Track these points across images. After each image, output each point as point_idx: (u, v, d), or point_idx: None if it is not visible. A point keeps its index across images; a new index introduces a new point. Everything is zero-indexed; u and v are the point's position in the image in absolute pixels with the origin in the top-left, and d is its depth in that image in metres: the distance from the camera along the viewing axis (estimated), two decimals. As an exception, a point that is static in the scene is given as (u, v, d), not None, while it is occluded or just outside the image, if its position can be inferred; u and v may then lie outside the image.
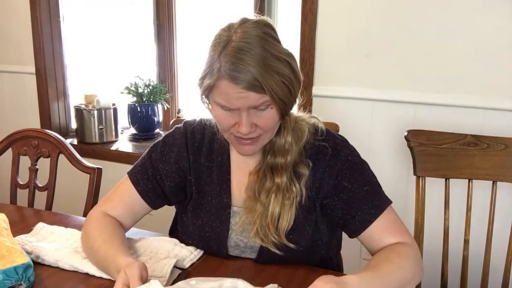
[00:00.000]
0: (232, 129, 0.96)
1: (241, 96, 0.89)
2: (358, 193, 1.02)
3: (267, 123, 0.95)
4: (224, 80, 0.89)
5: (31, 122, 2.55)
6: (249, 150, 0.99)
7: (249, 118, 0.93)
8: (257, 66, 0.87)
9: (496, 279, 1.37)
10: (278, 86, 0.90)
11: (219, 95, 0.92)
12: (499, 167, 1.30)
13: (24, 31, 2.47)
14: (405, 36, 1.75)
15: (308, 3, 1.86)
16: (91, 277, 1.00)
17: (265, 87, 0.88)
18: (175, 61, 2.44)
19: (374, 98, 1.84)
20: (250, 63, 0.87)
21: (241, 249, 1.09)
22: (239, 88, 0.88)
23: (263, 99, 0.91)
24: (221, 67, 0.89)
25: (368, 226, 1.01)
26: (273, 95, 0.90)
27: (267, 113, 0.94)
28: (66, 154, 1.53)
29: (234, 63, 0.88)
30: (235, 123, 0.94)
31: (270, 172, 1.02)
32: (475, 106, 1.70)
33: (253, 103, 0.91)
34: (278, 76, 0.90)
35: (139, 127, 2.44)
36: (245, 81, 0.87)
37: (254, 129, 0.95)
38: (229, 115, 0.94)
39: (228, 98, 0.91)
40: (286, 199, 1.01)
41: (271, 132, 1.00)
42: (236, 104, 0.91)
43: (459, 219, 1.35)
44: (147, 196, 1.11)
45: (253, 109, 0.92)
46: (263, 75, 0.87)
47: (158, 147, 1.13)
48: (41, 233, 1.18)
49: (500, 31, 1.62)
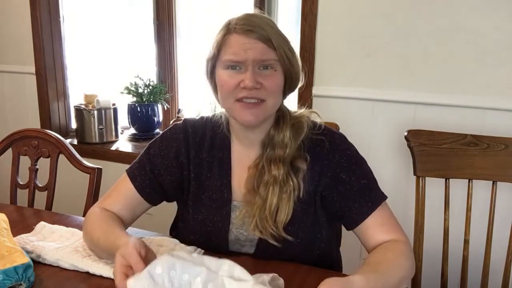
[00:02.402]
0: (237, 90, 0.99)
1: (249, 47, 0.95)
2: (356, 186, 1.04)
3: (272, 84, 0.99)
4: (235, 34, 0.97)
5: (31, 122, 2.55)
6: (252, 116, 1.00)
7: (254, 74, 0.97)
8: (267, 27, 0.97)
9: (496, 279, 1.37)
10: (285, 46, 0.99)
11: (227, 50, 0.98)
12: (499, 167, 1.30)
13: (24, 31, 2.47)
14: (405, 36, 1.75)
15: (308, 3, 1.86)
16: (92, 276, 1.00)
17: (275, 42, 0.96)
18: (175, 61, 2.44)
19: (374, 98, 1.84)
20: (261, 23, 0.97)
21: (241, 243, 1.10)
22: (249, 38, 0.96)
23: (270, 55, 0.97)
24: (232, 26, 0.98)
25: (365, 219, 1.03)
26: (281, 52, 0.97)
27: (272, 74, 0.99)
28: (66, 154, 1.53)
29: (246, 20, 0.97)
30: (240, 81, 0.98)
31: (268, 165, 1.04)
32: (475, 106, 1.70)
33: (261, 56, 0.96)
34: (285, 41, 1.00)
35: (139, 127, 2.44)
36: (257, 33, 0.96)
37: (260, 86, 0.98)
38: (234, 74, 0.98)
39: (237, 50, 0.96)
40: (283, 192, 1.02)
41: (274, 100, 1.02)
42: (243, 55, 0.96)
43: (459, 219, 1.35)
44: (144, 192, 1.12)
45: (258, 68, 0.97)
46: (273, 34, 0.97)
47: (156, 143, 1.14)
48: (42, 232, 1.18)
49: (500, 31, 1.62)
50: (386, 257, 0.96)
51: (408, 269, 0.97)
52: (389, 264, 0.94)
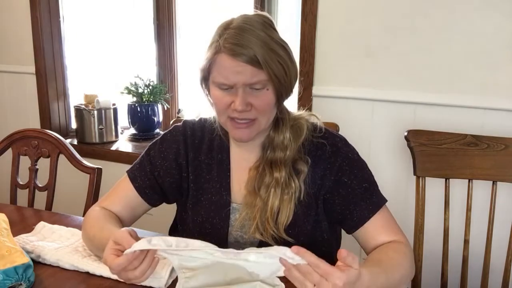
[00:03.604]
0: (228, 110, 0.98)
1: (238, 70, 0.92)
2: (357, 189, 1.04)
3: (262, 104, 0.97)
4: (223, 54, 0.93)
5: (31, 122, 2.55)
6: (244, 134, 1.00)
7: (245, 96, 0.95)
8: (256, 44, 0.92)
9: (496, 279, 1.37)
10: (275, 64, 0.93)
11: (217, 71, 0.95)
12: (499, 167, 1.30)
13: (24, 31, 2.47)
14: (405, 36, 1.75)
15: (308, 3, 1.86)
16: (92, 276, 1.00)
17: (262, 63, 0.92)
18: (175, 61, 2.44)
19: (374, 98, 1.84)
20: (250, 40, 0.92)
21: (241, 245, 1.09)
22: (237, 61, 0.92)
23: (260, 77, 0.94)
24: (221, 44, 0.93)
25: (366, 222, 1.03)
26: (269, 72, 0.93)
27: (263, 94, 0.96)
28: (66, 154, 1.53)
29: (234, 38, 0.92)
30: (232, 102, 0.96)
31: (269, 167, 1.04)
32: (475, 106, 1.70)
33: (249, 79, 0.93)
34: (275, 56, 0.94)
35: (139, 127, 2.44)
36: (244, 55, 0.91)
37: (250, 109, 0.96)
38: (226, 94, 0.97)
39: (226, 73, 0.94)
40: (285, 194, 1.02)
41: (267, 117, 1.01)
42: (232, 79, 0.94)
43: (459, 219, 1.35)
44: (144, 193, 1.12)
45: (250, 88, 0.95)
46: (261, 52, 0.92)
47: (157, 144, 1.14)
48: (42, 232, 1.18)
49: (500, 31, 1.62)
50: (387, 255, 0.96)
51: (408, 269, 0.97)
52: (390, 261, 0.94)
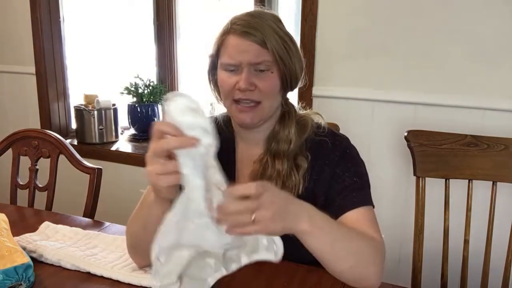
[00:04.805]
0: (233, 91, 1.01)
1: (243, 49, 0.97)
2: (346, 181, 1.03)
3: (266, 86, 1.00)
4: (231, 35, 0.99)
5: (31, 122, 2.55)
6: (248, 117, 1.02)
7: (249, 75, 0.99)
8: (264, 28, 0.98)
9: (496, 279, 1.37)
10: (280, 48, 0.99)
11: (224, 52, 1.00)
12: (499, 167, 1.30)
13: (24, 31, 2.47)
14: (405, 36, 1.75)
15: (308, 3, 1.86)
16: (92, 276, 1.00)
17: (268, 44, 0.97)
18: (175, 61, 2.44)
19: (374, 98, 1.84)
20: (258, 23, 0.98)
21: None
22: (243, 40, 0.97)
23: (265, 57, 0.98)
24: (230, 26, 1.00)
25: (346, 212, 0.99)
26: (274, 53, 0.98)
27: (268, 76, 1.00)
28: (66, 155, 1.53)
29: (243, 21, 0.99)
30: (236, 83, 1.00)
31: (272, 159, 1.05)
32: (475, 106, 1.70)
33: (254, 58, 0.98)
34: (281, 41, 0.99)
35: (139, 128, 2.44)
36: (251, 34, 0.97)
37: (253, 88, 0.99)
38: (231, 75, 1.00)
39: (232, 52, 0.99)
40: (286, 187, 1.03)
41: (270, 102, 1.03)
42: (238, 58, 0.98)
43: (459, 219, 1.35)
44: None
45: (254, 70, 0.99)
46: (268, 34, 0.98)
47: None
48: (46, 232, 1.19)
49: (500, 31, 1.62)
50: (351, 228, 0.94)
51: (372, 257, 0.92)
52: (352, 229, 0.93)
